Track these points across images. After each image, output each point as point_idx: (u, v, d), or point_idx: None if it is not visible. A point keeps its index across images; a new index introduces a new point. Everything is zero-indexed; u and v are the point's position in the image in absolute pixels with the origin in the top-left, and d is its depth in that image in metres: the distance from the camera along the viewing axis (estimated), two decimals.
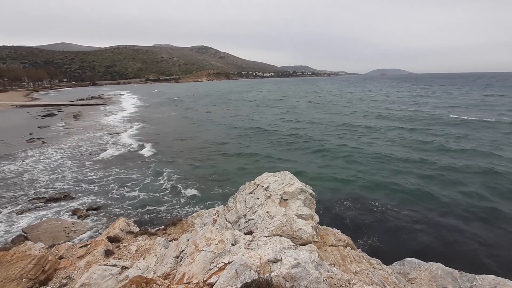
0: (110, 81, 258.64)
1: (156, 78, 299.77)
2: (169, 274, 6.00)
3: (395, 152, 24.94)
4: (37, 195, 18.06)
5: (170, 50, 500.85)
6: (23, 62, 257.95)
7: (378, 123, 39.36)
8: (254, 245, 5.66)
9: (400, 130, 34.40)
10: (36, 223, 14.66)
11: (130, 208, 16.40)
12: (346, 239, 7.48)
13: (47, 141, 32.96)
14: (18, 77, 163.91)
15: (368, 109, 54.16)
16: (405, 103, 63.49)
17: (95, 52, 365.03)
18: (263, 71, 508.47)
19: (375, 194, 17.24)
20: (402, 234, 12.98)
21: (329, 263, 5.74)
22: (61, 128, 42.22)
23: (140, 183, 19.86)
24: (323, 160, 24.17)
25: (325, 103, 70.42)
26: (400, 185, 18.18)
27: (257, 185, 9.26)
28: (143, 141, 33.00)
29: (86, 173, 22.22)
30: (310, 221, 6.92)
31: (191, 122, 47.07)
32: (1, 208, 16.37)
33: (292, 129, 37.80)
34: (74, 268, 8.21)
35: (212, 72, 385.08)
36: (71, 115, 56.92)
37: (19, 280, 7.84)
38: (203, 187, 19.08)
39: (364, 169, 21.44)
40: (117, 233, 9.60)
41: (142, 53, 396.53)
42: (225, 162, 24.51)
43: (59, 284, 7.54)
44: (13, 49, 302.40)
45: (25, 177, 21.21)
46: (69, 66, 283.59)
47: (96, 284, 5.51)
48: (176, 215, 14.63)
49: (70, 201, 17.26)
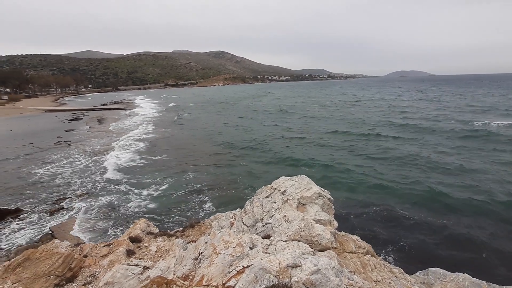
0: (132, 87, 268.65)
1: (175, 83, 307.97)
2: (188, 275, 6.09)
3: (421, 159, 24.00)
4: (62, 196, 19.00)
5: (188, 55, 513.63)
6: (52, 69, 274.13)
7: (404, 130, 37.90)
8: (272, 250, 5.64)
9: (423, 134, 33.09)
10: (62, 222, 15.41)
11: (150, 209, 16.86)
12: (366, 246, 7.27)
13: (73, 144, 34.70)
14: (47, 84, 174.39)
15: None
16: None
17: (117, 59, 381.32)
18: (279, 75, 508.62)
19: (397, 200, 16.64)
20: (425, 242, 12.41)
21: (349, 270, 5.60)
22: (86, 132, 44.31)
23: (158, 186, 20.37)
24: (340, 165, 23.68)
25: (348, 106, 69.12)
26: (424, 192, 17.43)
27: (274, 189, 9.24)
28: (160, 145, 33.91)
29: (108, 175, 23.12)
30: (329, 227, 6.80)
31: (207, 127, 47.83)
32: (32, 207, 17.36)
33: (300, 133, 37.41)
34: (98, 266, 8.53)
35: (228, 76, 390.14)
36: (95, 119, 59.63)
37: (47, 276, 8.25)
38: (219, 191, 19.26)
39: (384, 174, 20.78)
40: (138, 234, 9.89)
41: (162, 59, 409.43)
42: (240, 167, 24.64)
43: (84, 282, 7.86)
44: (43, 57, 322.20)
45: (52, 178, 22.39)
46: (93, 73, 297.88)
47: (119, 283, 5.71)
48: (194, 218, 14.85)
49: (94, 201, 18.01)
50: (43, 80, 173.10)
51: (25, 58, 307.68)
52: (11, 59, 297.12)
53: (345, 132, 35.63)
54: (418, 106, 60.74)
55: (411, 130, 35.50)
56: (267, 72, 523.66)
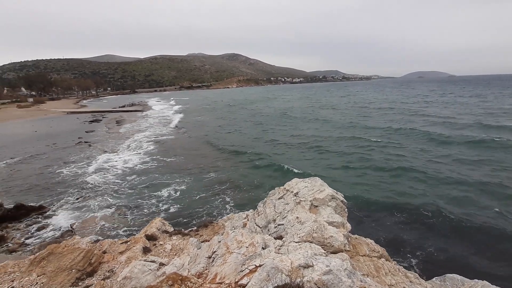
0: (148, 89, 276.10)
1: (189, 85, 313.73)
2: (202, 273, 6.25)
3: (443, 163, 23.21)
4: (83, 194, 19.83)
5: (203, 58, 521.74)
6: (74, 73, 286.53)
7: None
8: (284, 250, 5.69)
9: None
10: (83, 219, 16.07)
11: (165, 208, 17.29)
12: (380, 250, 7.16)
13: (93, 145, 36.09)
14: (69, 87, 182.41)
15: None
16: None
17: (135, 62, 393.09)
18: (292, 76, 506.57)
19: (412, 204, 16.19)
20: (443, 248, 12.01)
21: (362, 273, 5.55)
22: (105, 133, 45.96)
23: (173, 186, 20.82)
24: (356, 166, 23.30)
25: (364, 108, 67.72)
26: (443, 195, 16.88)
27: (286, 190, 9.28)
28: (175, 146, 34.63)
29: (126, 174, 23.90)
30: (342, 229, 6.77)
31: (221, 129, 48.36)
32: (55, 205, 18.23)
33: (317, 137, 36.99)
34: (116, 262, 8.87)
35: (242, 78, 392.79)
36: (113, 120, 61.74)
37: (69, 270, 8.66)
38: (232, 192, 19.46)
39: (401, 178, 20.27)
40: (154, 232, 10.20)
41: (177, 62, 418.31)
42: (253, 169, 24.77)
43: (103, 277, 8.21)
44: (66, 61, 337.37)
45: (73, 177, 23.41)
46: (112, 76, 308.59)
47: (136, 278, 5.94)
48: (207, 218, 15.09)
49: (112, 200, 18.67)
50: (66, 83, 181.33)
51: (50, 62, 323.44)
52: (37, 63, 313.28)
53: (360, 138, 34.65)
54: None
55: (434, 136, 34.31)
56: (280, 74, 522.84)
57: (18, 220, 16.20)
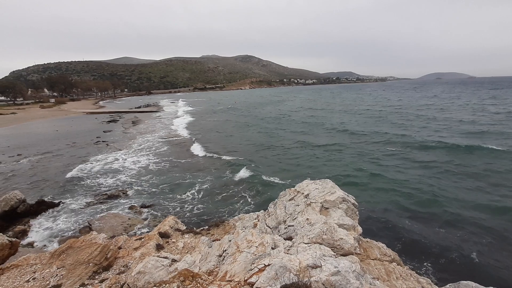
0: (163, 90, 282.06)
1: (203, 86, 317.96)
2: (212, 271, 6.39)
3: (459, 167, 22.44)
4: (100, 192, 20.56)
5: (216, 60, 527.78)
6: (93, 75, 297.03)
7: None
8: (293, 251, 5.74)
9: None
10: (99, 216, 16.65)
11: (178, 207, 17.67)
12: (392, 254, 7.06)
13: (110, 144, 37.32)
14: (89, 88, 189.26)
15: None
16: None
17: (151, 64, 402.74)
18: (305, 78, 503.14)
19: (427, 209, 15.74)
20: (458, 255, 11.62)
21: (372, 276, 5.51)
22: (122, 133, 47.39)
23: (186, 185, 21.23)
24: (371, 169, 22.88)
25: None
26: (460, 201, 16.31)
27: (297, 192, 9.30)
28: (187, 148, 35.21)
29: (140, 174, 24.57)
30: (352, 232, 6.73)
31: (236, 128, 48.73)
32: (73, 201, 19.01)
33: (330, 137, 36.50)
34: (131, 258, 9.20)
35: (255, 80, 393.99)
36: (130, 121, 63.54)
37: (87, 264, 9.06)
38: (244, 193, 19.62)
39: (415, 183, 19.74)
40: (167, 230, 10.47)
41: (191, 64, 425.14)
42: (265, 168, 24.83)
43: (118, 271, 8.53)
44: (86, 63, 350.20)
45: (91, 176, 24.31)
46: (129, 78, 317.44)
47: (150, 273, 6.16)
48: (218, 217, 15.30)
49: (127, 198, 19.26)
50: (85, 84, 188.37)
51: (71, 64, 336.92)
52: (59, 65, 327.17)
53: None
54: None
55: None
56: (293, 75, 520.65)
57: (40, 215, 17.05)
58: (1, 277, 8.53)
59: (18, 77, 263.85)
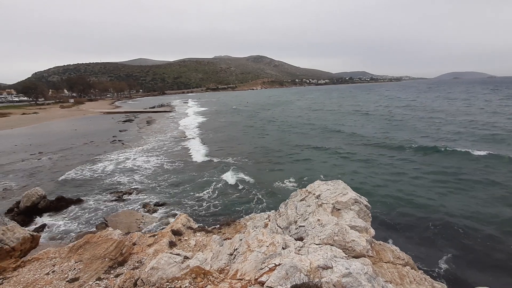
0: (176, 91, 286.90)
1: (215, 87, 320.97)
2: (223, 269, 6.47)
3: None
4: (116, 189, 21.16)
5: (228, 60, 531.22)
6: (110, 76, 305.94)
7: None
8: (304, 251, 5.72)
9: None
10: (114, 213, 17.15)
11: (190, 205, 17.95)
12: (405, 257, 6.90)
13: (126, 143, 38.34)
14: (106, 88, 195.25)
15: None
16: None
17: (165, 66, 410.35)
18: (317, 78, 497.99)
19: (443, 215, 15.23)
20: (475, 260, 11.20)
21: (385, 280, 5.42)
22: (137, 132, 48.58)
23: (198, 185, 21.52)
24: (386, 171, 22.40)
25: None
26: (477, 206, 15.70)
27: (308, 192, 9.25)
28: (200, 148, 35.64)
29: (155, 172, 25.11)
30: (365, 234, 6.63)
31: (250, 129, 48.89)
32: (91, 198, 19.67)
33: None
34: (144, 254, 9.43)
35: (267, 80, 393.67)
36: (144, 120, 65.04)
37: (103, 259, 9.36)
38: (255, 192, 19.67)
39: (431, 187, 19.16)
40: (179, 228, 10.67)
41: (204, 64, 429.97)
42: (277, 169, 24.79)
43: (133, 266, 8.78)
44: (103, 65, 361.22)
45: (107, 174, 25.05)
46: (144, 78, 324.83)
47: (163, 269, 6.31)
48: (230, 217, 15.42)
49: (141, 196, 19.74)
50: (102, 85, 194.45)
51: (89, 66, 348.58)
52: (78, 67, 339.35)
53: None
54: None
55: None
56: (305, 75, 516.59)
57: (59, 211, 17.75)
58: (23, 269, 8.96)
59: (40, 78, 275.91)
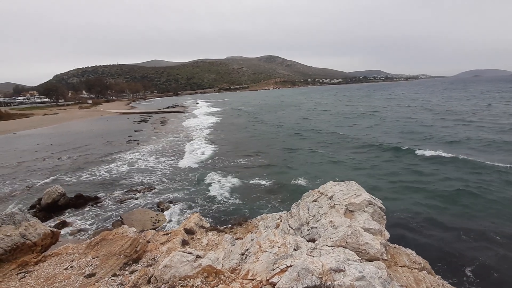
0: (189, 91, 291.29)
1: (228, 87, 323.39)
2: (235, 269, 6.49)
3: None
4: (131, 188, 21.71)
5: (241, 61, 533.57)
6: (126, 77, 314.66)
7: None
8: (316, 253, 5.65)
9: None
10: (130, 211, 17.60)
11: (202, 205, 18.17)
12: (422, 262, 6.68)
13: (141, 143, 39.29)
14: (122, 90, 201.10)
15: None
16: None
17: (178, 67, 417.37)
18: (330, 77, 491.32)
19: (462, 219, 14.64)
20: (494, 265, 10.70)
21: (400, 284, 5.27)
22: (151, 132, 49.66)
23: (210, 184, 21.72)
24: (404, 172, 21.79)
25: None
26: (499, 208, 15.00)
27: (321, 193, 9.13)
28: (214, 148, 35.97)
29: (168, 171, 25.57)
30: (379, 237, 6.48)
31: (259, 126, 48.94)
32: (108, 196, 20.28)
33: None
34: (158, 252, 9.62)
35: (279, 80, 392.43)
36: (158, 121, 66.41)
37: (118, 255, 9.62)
38: (267, 192, 19.66)
39: (447, 189, 18.47)
40: (192, 226, 10.81)
41: (216, 65, 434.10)
42: (290, 171, 24.66)
43: (146, 264, 8.97)
44: (119, 67, 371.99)
45: (123, 173, 25.74)
46: (158, 79, 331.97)
47: (175, 267, 6.41)
48: (241, 216, 15.47)
49: (156, 195, 20.16)
50: (119, 86, 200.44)
51: (106, 68, 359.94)
52: (96, 69, 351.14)
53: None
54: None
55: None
56: (318, 75, 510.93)
57: (77, 208, 18.42)
58: (43, 263, 9.35)
59: (60, 80, 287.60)
